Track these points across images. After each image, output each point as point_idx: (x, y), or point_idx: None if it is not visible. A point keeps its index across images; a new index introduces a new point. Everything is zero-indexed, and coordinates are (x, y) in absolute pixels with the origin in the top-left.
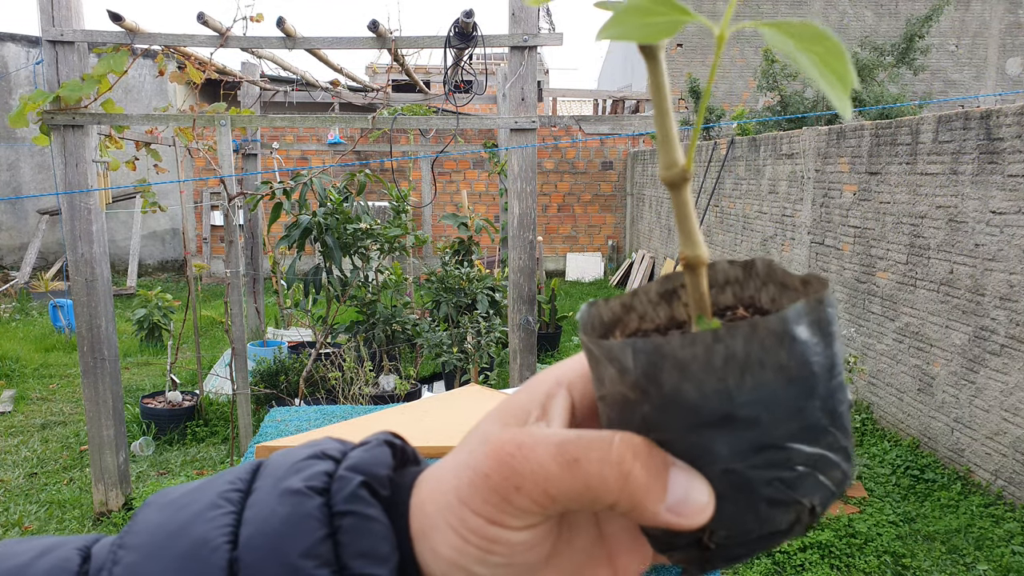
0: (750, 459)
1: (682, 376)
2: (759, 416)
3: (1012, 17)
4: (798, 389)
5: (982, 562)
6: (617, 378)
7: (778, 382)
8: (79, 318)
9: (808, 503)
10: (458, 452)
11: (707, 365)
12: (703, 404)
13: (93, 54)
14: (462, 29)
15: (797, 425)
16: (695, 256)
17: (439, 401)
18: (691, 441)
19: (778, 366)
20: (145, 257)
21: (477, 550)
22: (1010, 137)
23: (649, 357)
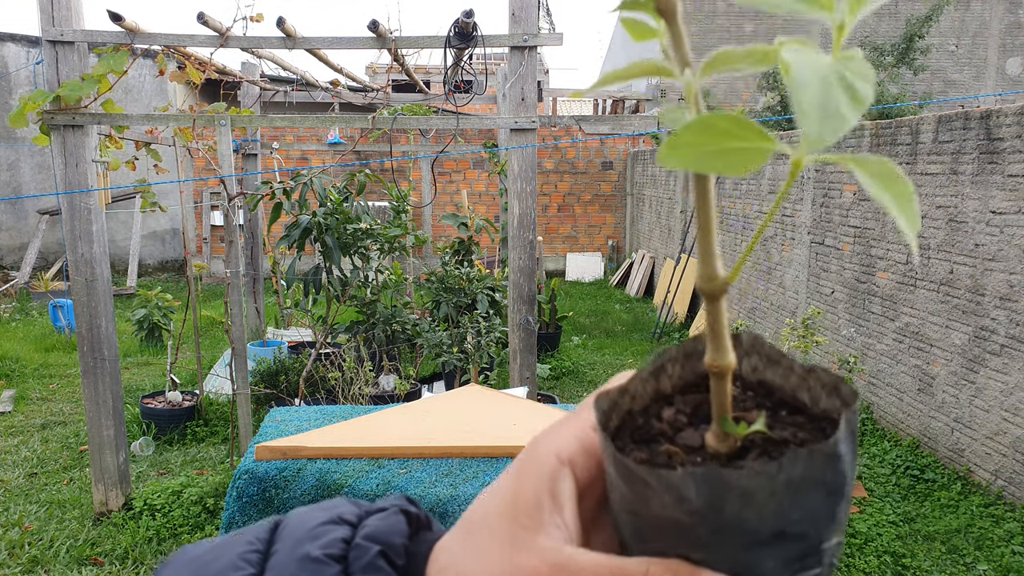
0: (793, 566)
1: (744, 504)
2: (807, 530)
3: (1012, 17)
4: (836, 498)
5: (982, 562)
6: (673, 505)
7: (822, 496)
8: (79, 318)
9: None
10: (482, 544)
11: (771, 493)
12: (760, 527)
13: (93, 54)
14: (462, 29)
15: (832, 528)
16: (724, 364)
17: (439, 401)
18: (742, 559)
19: (824, 483)
20: (145, 257)
21: None
22: (1010, 137)
23: (713, 489)
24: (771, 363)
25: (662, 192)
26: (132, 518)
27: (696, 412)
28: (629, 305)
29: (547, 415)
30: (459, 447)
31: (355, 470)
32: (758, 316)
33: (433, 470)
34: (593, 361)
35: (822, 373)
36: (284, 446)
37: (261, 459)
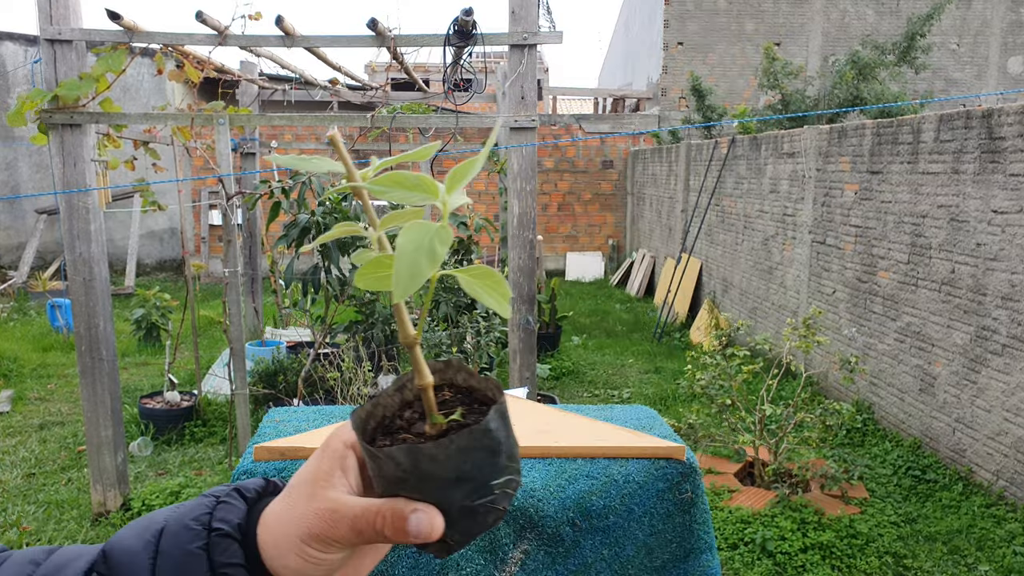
0: (471, 497)
1: (433, 463)
2: (476, 475)
3: (1014, 16)
4: (494, 455)
5: (983, 563)
6: (394, 468)
7: (484, 454)
8: (77, 318)
9: (502, 507)
10: (294, 501)
11: (448, 456)
12: (445, 475)
13: (91, 53)
14: (461, 27)
15: (494, 472)
16: (424, 384)
17: None
18: (438, 495)
19: (483, 447)
20: (143, 257)
21: (311, 565)
22: (1012, 136)
23: (413, 456)
24: (471, 375)
25: (663, 191)
26: (130, 518)
27: (424, 412)
28: (629, 305)
29: (547, 415)
30: None
31: None
32: (759, 316)
33: None
34: (593, 361)
35: (493, 379)
36: (283, 446)
37: (259, 459)
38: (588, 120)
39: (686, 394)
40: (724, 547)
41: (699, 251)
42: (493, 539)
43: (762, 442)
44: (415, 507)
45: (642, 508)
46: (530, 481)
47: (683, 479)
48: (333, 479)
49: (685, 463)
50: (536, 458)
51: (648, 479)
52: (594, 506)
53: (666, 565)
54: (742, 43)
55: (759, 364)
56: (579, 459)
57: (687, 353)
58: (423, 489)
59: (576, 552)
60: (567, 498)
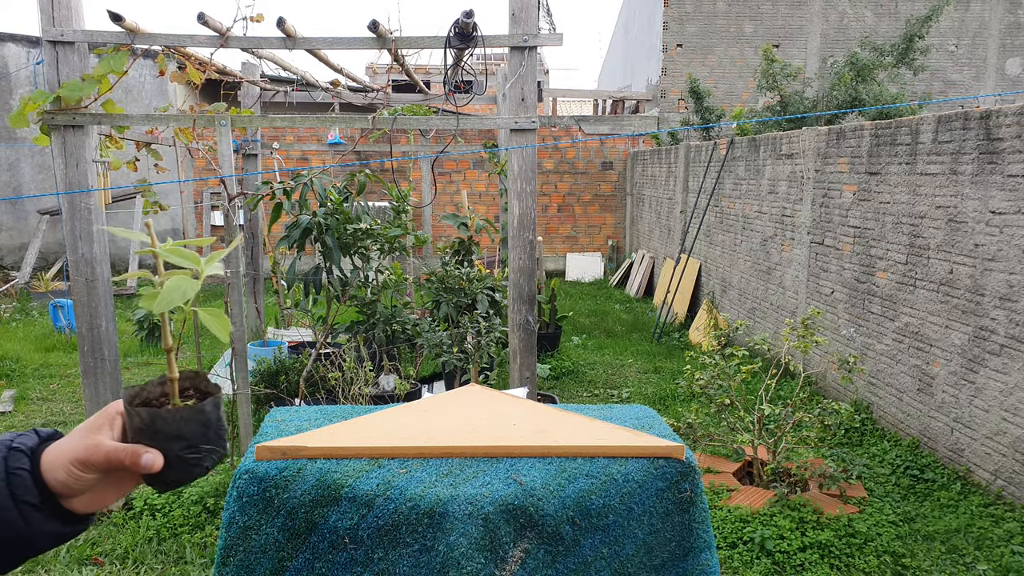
0: (185, 451)
1: (163, 423)
2: (189, 436)
3: (1012, 17)
4: (205, 426)
5: (982, 562)
6: (138, 422)
7: (197, 425)
8: (79, 318)
9: (207, 465)
10: (71, 438)
11: (173, 420)
12: (169, 432)
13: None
14: (462, 29)
15: (203, 439)
16: (172, 377)
17: (439, 401)
18: (164, 445)
19: (198, 420)
20: (145, 257)
21: (73, 479)
22: (1010, 137)
23: (152, 417)
24: (209, 383)
25: (662, 192)
26: (132, 518)
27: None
28: (629, 305)
29: (547, 415)
30: (459, 447)
31: (355, 470)
32: (758, 316)
33: (433, 470)
34: (593, 361)
35: (217, 385)
36: (284, 446)
37: (261, 459)
38: (588, 122)
39: (685, 394)
40: (723, 546)
41: (698, 252)
42: (494, 538)
43: (761, 441)
44: (147, 449)
45: (641, 507)
46: (530, 480)
47: (682, 478)
48: (102, 428)
49: (684, 462)
50: (536, 457)
51: (647, 478)
52: (594, 505)
53: (665, 564)
54: (741, 45)
55: (758, 364)
56: (579, 458)
57: (686, 353)
58: (155, 439)
59: (576, 550)
60: (567, 497)
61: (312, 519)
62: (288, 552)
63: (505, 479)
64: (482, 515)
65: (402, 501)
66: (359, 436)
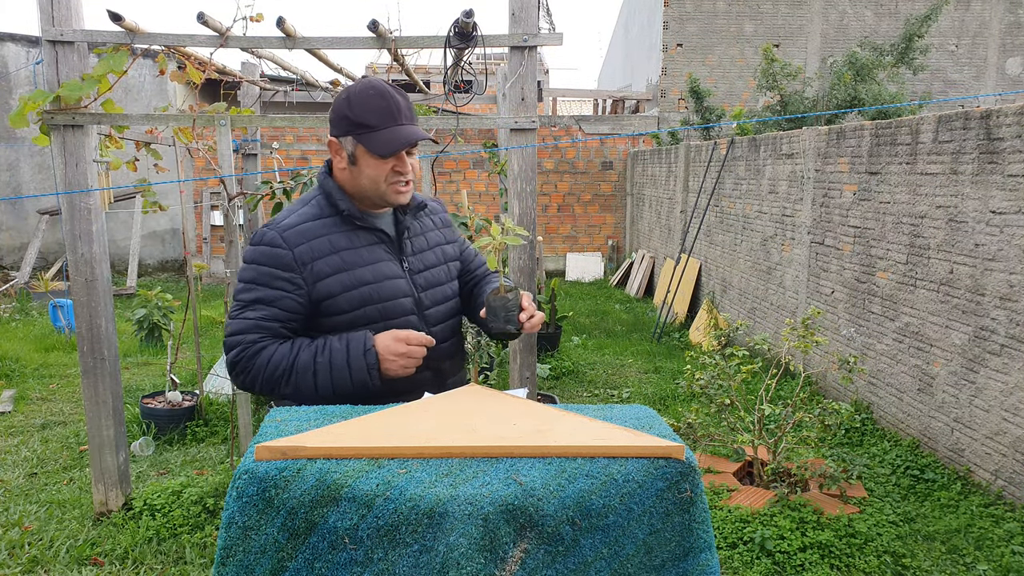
0: (505, 315)
1: (498, 302)
2: (509, 309)
3: (1012, 17)
4: (515, 303)
5: (982, 562)
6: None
7: (513, 303)
8: (79, 318)
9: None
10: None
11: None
12: (498, 307)
13: (93, 54)
14: (462, 29)
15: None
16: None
17: (439, 401)
18: (499, 315)
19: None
20: (145, 257)
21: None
22: (1010, 137)
23: (493, 297)
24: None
25: (662, 192)
26: (132, 518)
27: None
28: (629, 305)
29: (547, 415)
30: (459, 447)
31: (355, 470)
32: (758, 316)
33: (433, 470)
34: (593, 361)
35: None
36: (284, 446)
37: (261, 459)
38: (588, 121)
39: (685, 394)
40: (723, 546)
41: (698, 251)
42: (493, 538)
43: (761, 442)
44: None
45: (641, 507)
46: (530, 480)
47: (682, 478)
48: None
49: (684, 462)
50: (536, 457)
51: (647, 478)
52: (594, 505)
53: (665, 564)
54: (741, 45)
55: (758, 364)
56: (579, 458)
57: (686, 353)
58: (492, 312)
59: (576, 551)
60: (567, 497)
61: (312, 519)
62: (288, 552)
63: (505, 479)
64: (482, 515)
65: (402, 501)
66: (359, 436)
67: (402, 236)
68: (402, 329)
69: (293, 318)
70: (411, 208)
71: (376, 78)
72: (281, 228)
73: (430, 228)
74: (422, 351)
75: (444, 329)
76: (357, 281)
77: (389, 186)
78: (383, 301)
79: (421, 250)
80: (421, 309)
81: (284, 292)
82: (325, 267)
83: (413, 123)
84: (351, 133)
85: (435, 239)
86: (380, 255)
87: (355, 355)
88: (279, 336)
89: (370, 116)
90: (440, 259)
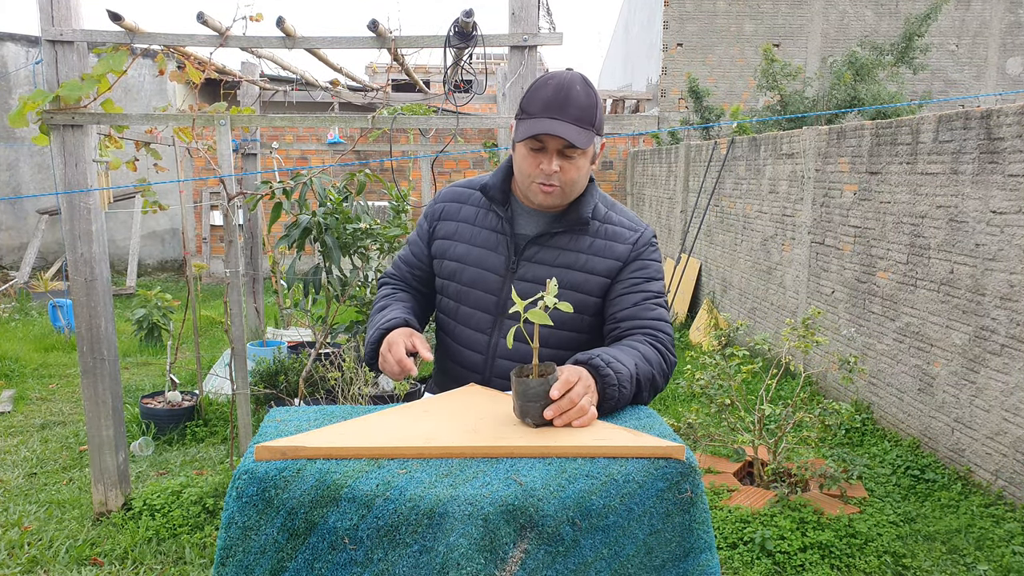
0: (536, 405)
1: (525, 387)
2: (539, 396)
3: (1012, 16)
4: (538, 391)
5: (983, 562)
6: (516, 387)
7: (542, 393)
8: (78, 318)
9: (531, 424)
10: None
11: (534, 388)
12: (528, 393)
13: (93, 54)
14: (462, 29)
15: (544, 401)
16: (532, 366)
17: (439, 401)
18: (528, 405)
19: (543, 392)
20: (144, 257)
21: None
22: (1010, 137)
23: (520, 384)
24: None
25: (662, 192)
26: (132, 518)
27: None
28: None
29: None
30: (459, 447)
31: (355, 470)
32: (758, 316)
33: (433, 470)
34: None
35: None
36: (284, 446)
37: (261, 459)
38: None
39: (685, 394)
40: (723, 546)
41: (698, 251)
42: (494, 538)
43: (761, 442)
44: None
45: (642, 507)
46: (530, 481)
47: (683, 478)
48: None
49: (684, 463)
50: (536, 458)
51: (648, 478)
52: (594, 505)
53: (665, 564)
54: (741, 44)
55: (758, 364)
56: (579, 459)
57: (686, 353)
58: (522, 399)
59: (576, 551)
60: (567, 497)
61: (311, 519)
62: (287, 552)
63: (505, 479)
64: (482, 516)
65: (402, 501)
66: (359, 436)
67: (538, 239)
68: (414, 334)
69: (419, 265)
70: (567, 216)
71: (578, 73)
72: (451, 186)
73: (578, 248)
74: (393, 367)
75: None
76: (454, 254)
77: (533, 182)
78: (464, 284)
79: (543, 261)
80: (501, 315)
81: (419, 239)
82: (442, 229)
83: (581, 125)
84: (517, 116)
85: (568, 259)
86: (491, 242)
87: (372, 335)
88: (405, 280)
89: (534, 103)
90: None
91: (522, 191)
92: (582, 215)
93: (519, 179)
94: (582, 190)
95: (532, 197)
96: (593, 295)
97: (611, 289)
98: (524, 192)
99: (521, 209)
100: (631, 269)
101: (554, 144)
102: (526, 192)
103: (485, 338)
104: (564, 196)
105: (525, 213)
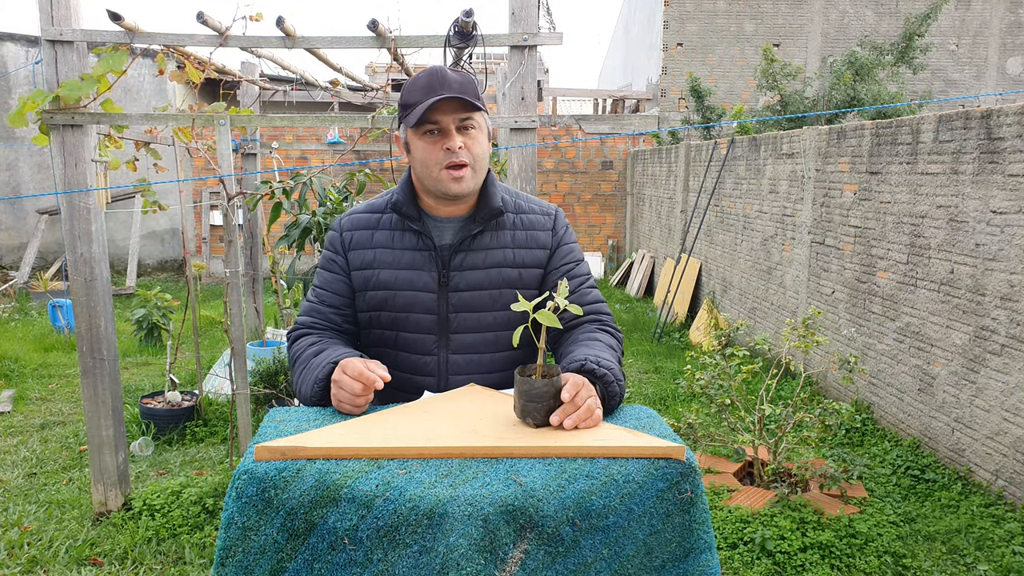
0: (538, 405)
1: (529, 386)
2: (543, 397)
3: (1013, 16)
4: (543, 392)
5: (983, 562)
6: (520, 385)
7: (551, 395)
8: (78, 318)
9: (533, 424)
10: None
11: (537, 387)
12: (532, 392)
13: (92, 54)
14: (462, 28)
15: (554, 403)
16: (537, 365)
17: (439, 401)
18: (530, 404)
19: (549, 392)
20: (144, 257)
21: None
22: (1011, 137)
23: (523, 383)
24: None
25: (662, 192)
26: (131, 518)
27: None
28: (629, 305)
29: None
30: (459, 447)
31: (354, 470)
32: (758, 316)
33: (433, 470)
34: None
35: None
36: (283, 446)
37: (260, 459)
38: (588, 121)
39: (685, 394)
40: (724, 546)
41: (698, 251)
42: (493, 539)
43: (761, 442)
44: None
45: (642, 508)
46: (530, 481)
47: (683, 479)
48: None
49: (685, 463)
50: (536, 458)
51: (648, 479)
52: (594, 506)
53: (665, 564)
54: (741, 44)
55: (758, 364)
56: (579, 459)
57: (686, 353)
58: (525, 398)
59: (576, 551)
60: (567, 498)
61: (311, 520)
62: (287, 553)
63: (505, 480)
64: (482, 516)
65: (401, 502)
66: (358, 436)
67: (460, 245)
68: (369, 360)
69: (345, 303)
70: (480, 213)
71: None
72: (347, 214)
73: (502, 244)
74: (353, 385)
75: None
76: (378, 282)
77: (441, 169)
78: (398, 311)
79: (472, 267)
80: (445, 331)
81: (335, 275)
82: (357, 258)
83: (465, 95)
84: (401, 117)
85: (496, 258)
86: (417, 262)
87: (318, 373)
88: (332, 323)
89: (413, 93)
90: (490, 282)
91: (431, 187)
92: (494, 207)
93: (424, 176)
94: (486, 168)
95: (444, 187)
96: (531, 287)
97: (545, 280)
98: (433, 187)
99: (433, 222)
100: (560, 256)
101: (449, 120)
102: (435, 185)
103: (433, 359)
104: (475, 176)
105: (438, 224)
